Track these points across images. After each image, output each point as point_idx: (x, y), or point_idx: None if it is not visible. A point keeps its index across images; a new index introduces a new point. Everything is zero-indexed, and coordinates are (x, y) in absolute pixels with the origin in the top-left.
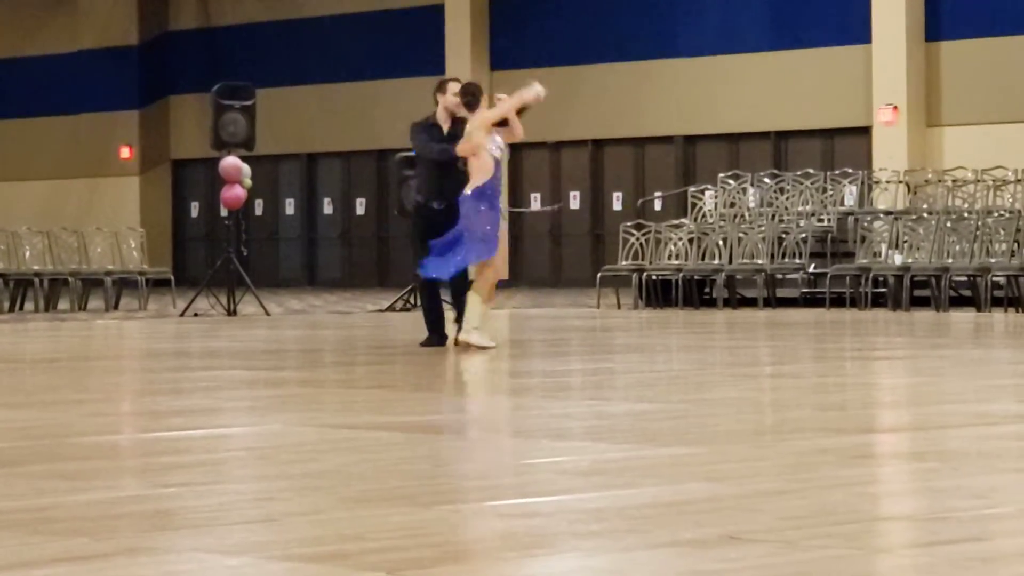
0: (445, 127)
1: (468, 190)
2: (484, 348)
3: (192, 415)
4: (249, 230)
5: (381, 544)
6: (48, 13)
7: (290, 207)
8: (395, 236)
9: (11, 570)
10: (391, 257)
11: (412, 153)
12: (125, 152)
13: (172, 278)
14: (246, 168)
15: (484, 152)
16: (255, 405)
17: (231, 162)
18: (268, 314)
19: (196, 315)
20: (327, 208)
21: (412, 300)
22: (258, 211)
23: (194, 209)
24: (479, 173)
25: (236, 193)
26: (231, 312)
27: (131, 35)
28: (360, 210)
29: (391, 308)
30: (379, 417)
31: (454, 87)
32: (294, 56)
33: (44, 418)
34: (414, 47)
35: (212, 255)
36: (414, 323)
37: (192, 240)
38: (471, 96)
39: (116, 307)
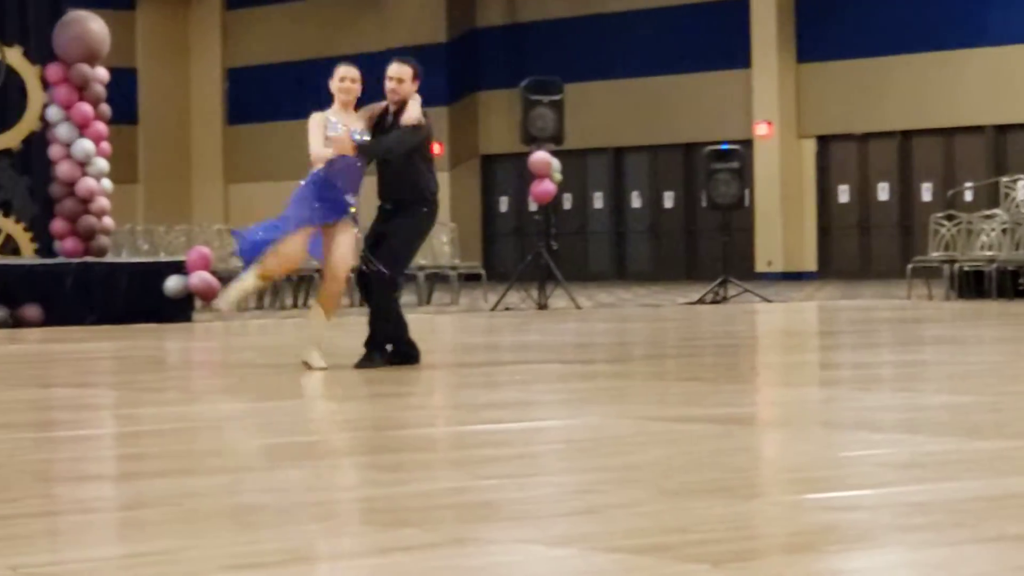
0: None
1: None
2: (317, 368)
3: (508, 408)
4: (558, 224)
5: (704, 536)
6: (358, 13)
7: (598, 201)
8: (703, 229)
9: (342, 559)
10: (699, 250)
11: (724, 147)
12: (434, 148)
13: (483, 272)
14: (555, 163)
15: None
16: (569, 398)
17: (540, 157)
18: (579, 308)
19: (507, 309)
20: (635, 202)
21: (722, 293)
22: (567, 205)
23: (503, 204)
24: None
25: (546, 187)
26: (542, 306)
27: (439, 33)
28: (668, 203)
29: (701, 301)
30: (693, 409)
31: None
32: (601, 51)
33: (366, 411)
34: (720, 40)
35: (521, 249)
36: (725, 316)
37: (501, 235)
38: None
39: (429, 302)
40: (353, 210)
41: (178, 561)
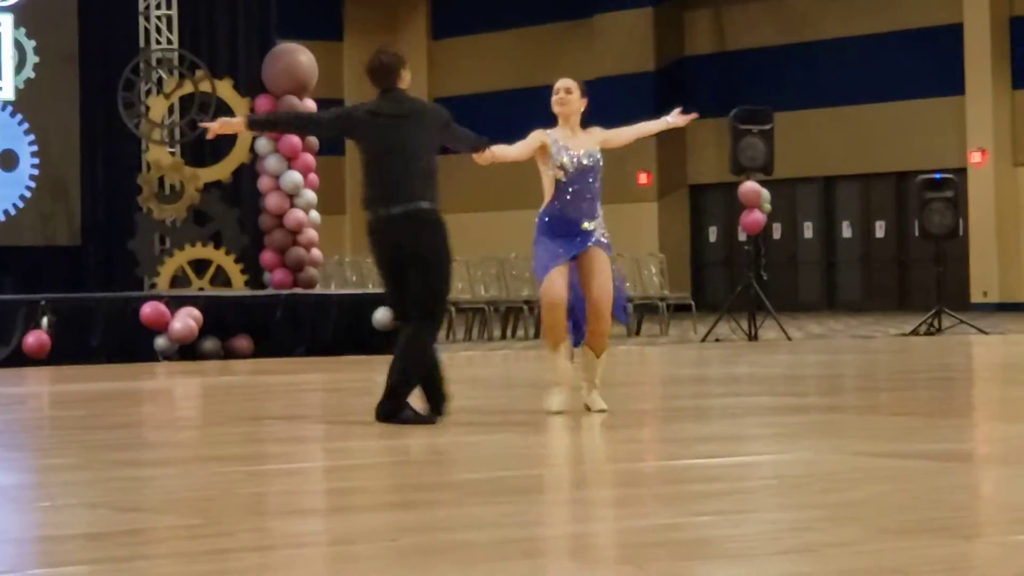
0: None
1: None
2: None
3: (719, 442)
4: (768, 254)
5: None
6: (565, 41)
7: (808, 230)
8: (916, 259)
9: None
10: (912, 280)
11: (937, 176)
12: (643, 178)
13: (692, 303)
14: (765, 193)
15: (544, 169)
16: (781, 432)
17: (750, 187)
18: (789, 339)
19: (717, 340)
20: (846, 231)
21: (936, 324)
22: (776, 235)
23: (712, 234)
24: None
25: (755, 218)
26: (752, 337)
27: (647, 61)
28: (879, 233)
29: (915, 332)
30: (909, 445)
31: None
32: (810, 78)
33: (576, 445)
34: (932, 66)
35: (731, 280)
36: (940, 348)
37: (711, 265)
38: None
39: (638, 332)
40: (598, 234)
41: None
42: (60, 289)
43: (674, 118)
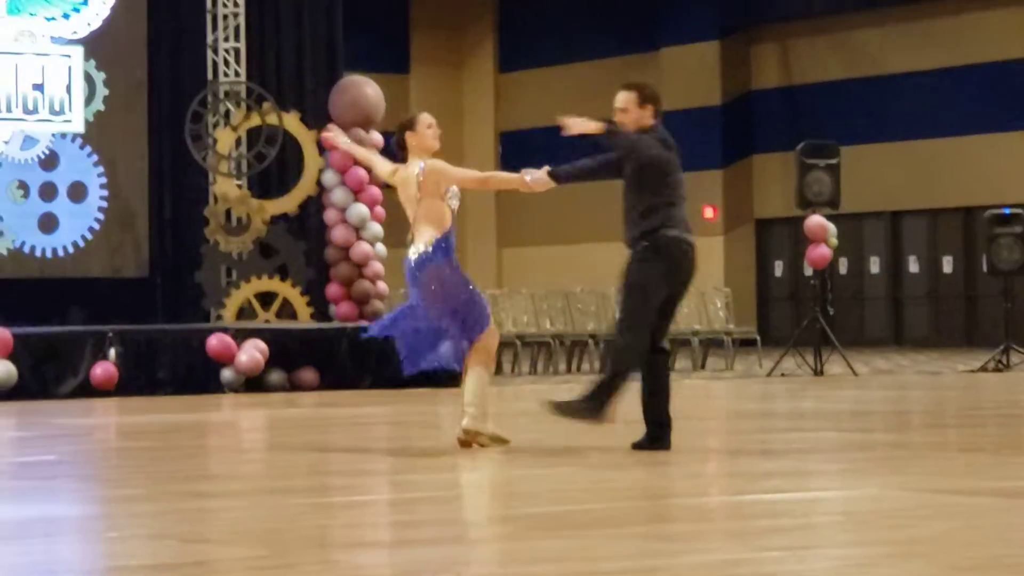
0: None
1: (423, 246)
2: (502, 442)
3: (785, 477)
4: (834, 289)
5: None
6: (633, 75)
7: (875, 265)
8: (984, 295)
9: None
10: (979, 316)
11: (1006, 211)
12: (709, 212)
13: (758, 338)
14: (831, 227)
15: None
16: (848, 468)
17: (817, 221)
18: (855, 374)
19: (783, 375)
20: (913, 266)
21: (1004, 360)
22: (842, 270)
23: (778, 268)
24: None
25: (821, 252)
26: (818, 372)
27: (714, 95)
28: (947, 268)
29: (983, 368)
30: (977, 482)
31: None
32: (877, 113)
33: (639, 479)
34: (1000, 101)
35: (797, 314)
36: (1008, 385)
37: (776, 299)
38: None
39: (703, 367)
40: None
41: None
42: (127, 321)
43: (531, 179)
